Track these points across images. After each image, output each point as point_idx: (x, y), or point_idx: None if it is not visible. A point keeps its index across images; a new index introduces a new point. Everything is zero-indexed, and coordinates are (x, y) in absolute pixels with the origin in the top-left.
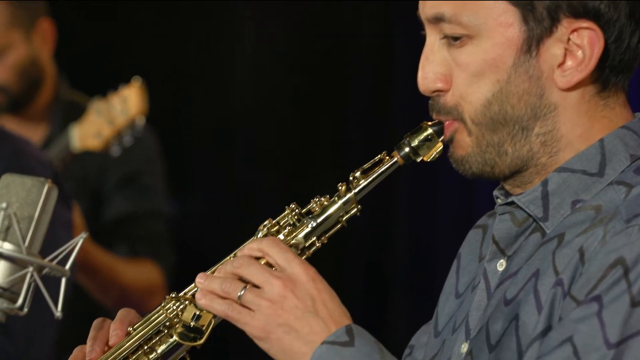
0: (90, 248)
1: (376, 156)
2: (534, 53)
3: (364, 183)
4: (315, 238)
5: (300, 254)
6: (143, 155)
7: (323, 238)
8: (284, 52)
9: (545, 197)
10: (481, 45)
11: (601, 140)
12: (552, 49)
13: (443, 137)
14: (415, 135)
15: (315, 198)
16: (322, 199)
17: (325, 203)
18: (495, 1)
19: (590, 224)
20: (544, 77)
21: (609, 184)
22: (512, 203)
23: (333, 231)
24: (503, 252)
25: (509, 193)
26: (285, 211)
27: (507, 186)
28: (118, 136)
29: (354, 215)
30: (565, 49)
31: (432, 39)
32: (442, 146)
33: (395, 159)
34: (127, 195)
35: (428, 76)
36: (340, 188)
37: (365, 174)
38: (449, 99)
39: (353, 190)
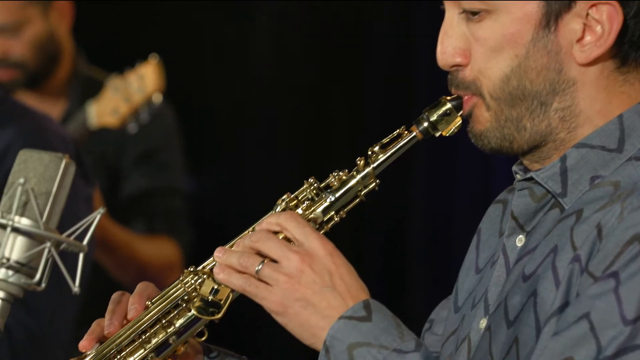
0: (108, 225)
1: (395, 131)
2: (553, 28)
3: (383, 158)
4: (333, 212)
5: (318, 229)
6: (160, 132)
7: (341, 212)
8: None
9: (563, 173)
10: (500, 20)
11: (620, 116)
12: (571, 24)
13: (462, 112)
14: (434, 110)
15: (333, 172)
16: (341, 173)
17: (344, 177)
18: None
19: (608, 199)
20: (563, 53)
21: (627, 160)
22: (531, 179)
23: (351, 206)
24: (522, 228)
25: (527, 169)
26: (304, 185)
27: (526, 161)
28: (135, 113)
29: (373, 189)
30: (584, 24)
31: (451, 13)
32: (461, 121)
33: (414, 133)
34: (145, 172)
35: (447, 51)
36: (358, 162)
37: (384, 148)
38: (468, 73)
39: (371, 165)
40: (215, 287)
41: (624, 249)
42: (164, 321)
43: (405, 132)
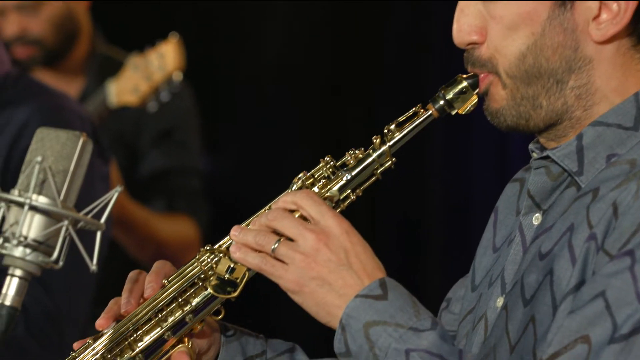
0: (126, 203)
1: (411, 109)
2: (569, 6)
3: (399, 136)
4: (349, 191)
5: (334, 207)
6: (179, 111)
7: (357, 191)
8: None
9: (580, 151)
10: None
11: (636, 94)
12: (587, 2)
13: (478, 90)
14: (450, 88)
15: (350, 151)
16: (357, 151)
17: (360, 156)
18: None
19: (624, 178)
20: (579, 30)
21: None
22: (547, 157)
23: (367, 184)
24: (538, 206)
25: (544, 147)
26: (320, 164)
27: (542, 139)
28: (155, 92)
29: (389, 168)
30: (600, 2)
31: None
32: (477, 99)
33: (430, 111)
34: (163, 151)
35: (463, 29)
36: (374, 141)
37: (400, 126)
38: (484, 51)
39: (388, 143)
40: (232, 266)
41: (639, 227)
42: (180, 300)
43: (422, 111)
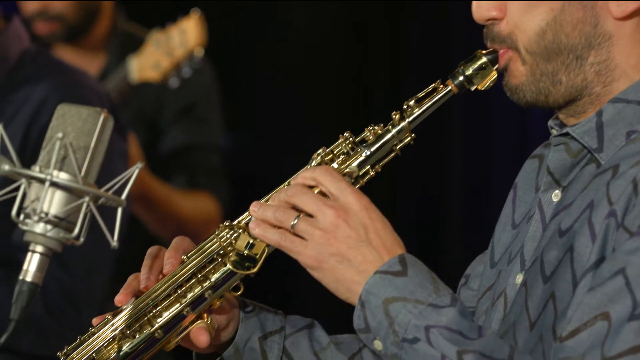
0: (147, 179)
1: (430, 85)
2: None
3: (418, 112)
4: (369, 167)
5: (353, 183)
6: (200, 87)
7: (377, 167)
8: None
9: (599, 128)
10: None
11: None
12: None
13: (497, 66)
14: (469, 64)
15: (369, 126)
16: (376, 127)
17: (379, 132)
18: None
19: None
20: (598, 7)
21: None
22: (567, 134)
23: (387, 160)
24: (558, 183)
25: (563, 123)
26: (339, 140)
27: (562, 116)
28: (176, 68)
29: (408, 144)
30: None
31: None
32: (497, 75)
33: (450, 87)
34: (184, 127)
35: (482, 4)
36: (394, 117)
37: (420, 102)
38: (503, 27)
39: (407, 119)
40: (251, 242)
41: None
42: (199, 275)
43: (441, 86)
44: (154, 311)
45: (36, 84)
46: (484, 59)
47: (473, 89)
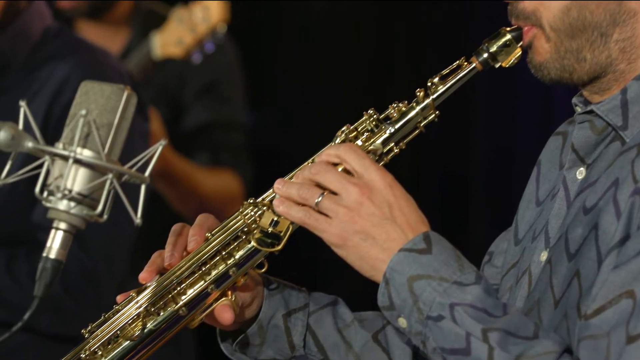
0: (170, 156)
1: (455, 62)
2: None
3: (442, 89)
4: (393, 144)
5: (377, 160)
6: (223, 64)
7: (401, 144)
8: None
9: (624, 106)
10: None
11: None
12: None
13: (521, 43)
14: (493, 41)
15: (393, 104)
16: (400, 104)
17: (404, 109)
18: None
19: None
20: None
21: None
22: (592, 112)
23: (411, 137)
24: (582, 161)
25: (587, 101)
26: (363, 117)
27: (586, 92)
28: (199, 44)
29: (432, 121)
30: None
31: None
32: (521, 52)
33: (474, 64)
34: (207, 104)
35: None
36: (418, 94)
37: (444, 79)
38: (528, 4)
39: (431, 96)
40: (275, 219)
41: None
42: (223, 253)
43: (465, 64)
44: (178, 289)
45: (59, 62)
46: (508, 36)
47: (497, 66)
